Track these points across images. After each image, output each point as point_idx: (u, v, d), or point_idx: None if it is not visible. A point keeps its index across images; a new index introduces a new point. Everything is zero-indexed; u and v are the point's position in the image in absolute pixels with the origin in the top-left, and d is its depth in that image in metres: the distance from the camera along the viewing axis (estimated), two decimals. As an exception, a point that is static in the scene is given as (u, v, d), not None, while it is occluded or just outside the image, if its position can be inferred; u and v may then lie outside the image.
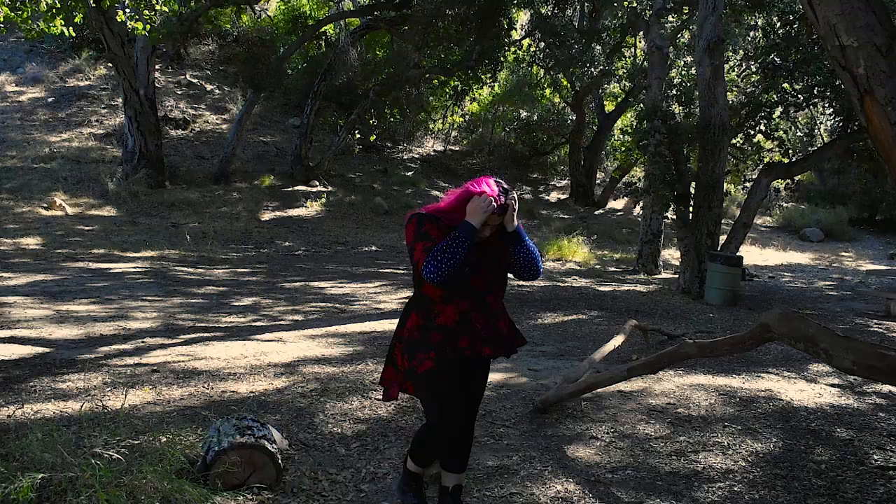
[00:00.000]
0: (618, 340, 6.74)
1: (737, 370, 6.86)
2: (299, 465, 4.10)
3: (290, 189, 18.81)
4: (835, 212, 23.69)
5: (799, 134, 21.77)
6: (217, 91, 22.65)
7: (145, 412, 4.78)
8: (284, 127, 22.39)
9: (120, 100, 18.46)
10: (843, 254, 20.66)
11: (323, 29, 19.97)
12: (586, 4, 21.82)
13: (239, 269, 12.02)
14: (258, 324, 8.11)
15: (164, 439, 3.88)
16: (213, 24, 18.86)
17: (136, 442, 3.90)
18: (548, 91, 25.33)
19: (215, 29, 22.41)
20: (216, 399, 5.20)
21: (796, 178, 16.95)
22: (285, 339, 7.38)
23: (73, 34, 9.79)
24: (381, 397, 5.50)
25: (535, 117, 25.99)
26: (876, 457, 4.62)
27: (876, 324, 10.08)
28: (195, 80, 22.67)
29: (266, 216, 16.94)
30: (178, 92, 22.01)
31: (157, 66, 19.21)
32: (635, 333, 7.75)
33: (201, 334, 7.33)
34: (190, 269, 11.61)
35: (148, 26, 9.98)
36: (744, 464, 4.45)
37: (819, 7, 2.33)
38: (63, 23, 8.57)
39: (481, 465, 4.26)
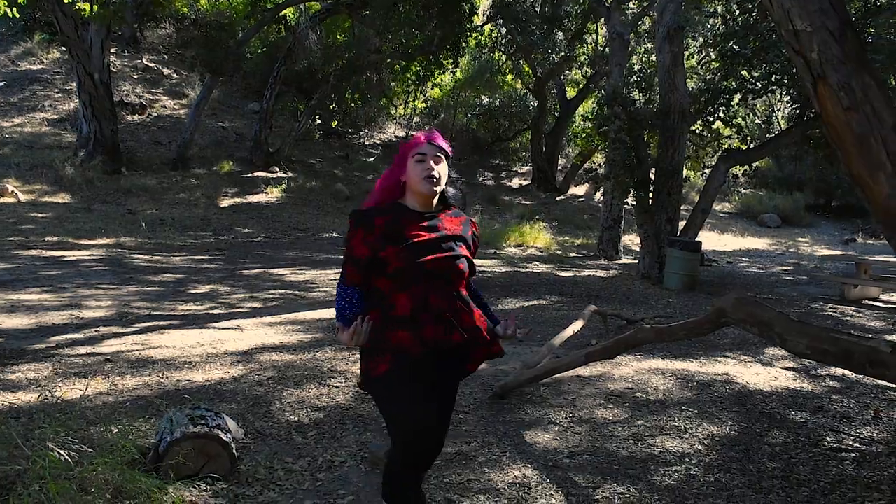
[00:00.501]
0: (577, 325, 6.76)
1: (694, 354, 6.93)
2: (255, 455, 4.04)
3: (249, 175, 18.59)
4: (792, 198, 24.06)
5: (757, 121, 22.02)
6: (174, 75, 22.27)
7: (98, 402, 4.68)
8: (243, 112, 22.10)
9: (74, 84, 18.04)
10: (800, 239, 21.00)
11: (282, 13, 19.67)
12: (548, -10, 21.80)
13: (197, 257, 11.85)
14: (215, 311, 8.00)
15: (116, 430, 3.80)
16: (165, 6, 18.44)
17: (88, 433, 3.82)
18: (509, 77, 25.31)
19: (172, 12, 21.99)
20: (171, 388, 5.10)
21: (754, 164, 17.11)
22: (243, 326, 7.29)
23: (18, 15, 9.51)
24: (338, 384, 5.47)
25: (497, 103, 25.98)
26: (829, 439, 4.69)
27: (831, 308, 10.25)
28: (152, 65, 22.27)
29: (225, 202, 16.72)
30: (135, 76, 21.60)
31: (112, 50, 18.82)
32: (595, 318, 7.79)
33: (157, 323, 7.21)
34: (146, 257, 11.41)
35: (95, 6, 9.72)
36: (700, 447, 4.49)
37: (773, -9, 2.32)
38: (6, 3, 8.31)
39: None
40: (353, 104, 23.28)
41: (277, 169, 19.25)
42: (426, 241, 2.77)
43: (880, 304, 10.92)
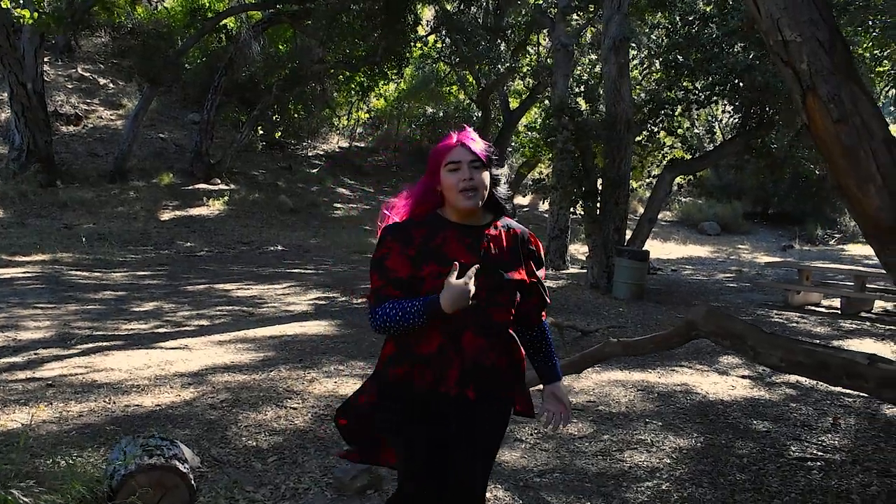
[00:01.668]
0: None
1: (652, 365, 6.93)
2: (213, 484, 3.85)
3: (190, 187, 18.15)
4: (731, 206, 24.55)
5: (696, 131, 22.44)
6: (111, 85, 21.67)
7: (42, 432, 4.41)
8: (183, 123, 21.60)
9: (6, 94, 17.39)
10: (740, 246, 21.41)
11: (223, 22, 19.31)
12: (491, 1, 21.87)
13: (138, 273, 11.48)
14: (161, 330, 7.72)
15: (64, 463, 3.57)
16: (107, 13, 17.92)
17: (34, 466, 3.59)
18: (454, 88, 25.32)
19: (109, 20, 21.42)
20: (119, 414, 4.86)
21: (698, 174, 17.42)
22: (191, 346, 7.03)
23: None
24: (296, 405, 5.30)
25: (441, 114, 25.96)
26: (794, 448, 4.70)
27: (777, 314, 10.41)
28: (87, 74, 21.62)
29: (166, 216, 16.28)
30: (69, 86, 20.94)
31: (45, 59, 18.21)
32: (551, 330, 7.73)
33: (100, 343, 6.91)
34: (85, 273, 11.00)
35: (35, 14, 9.36)
36: (669, 461, 4.45)
37: (762, 1, 2.28)
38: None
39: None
40: (296, 115, 23.00)
41: (219, 181, 18.85)
42: (467, 265, 2.30)
43: (822, 310, 11.13)
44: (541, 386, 2.68)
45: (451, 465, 2.39)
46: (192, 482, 3.54)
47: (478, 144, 2.41)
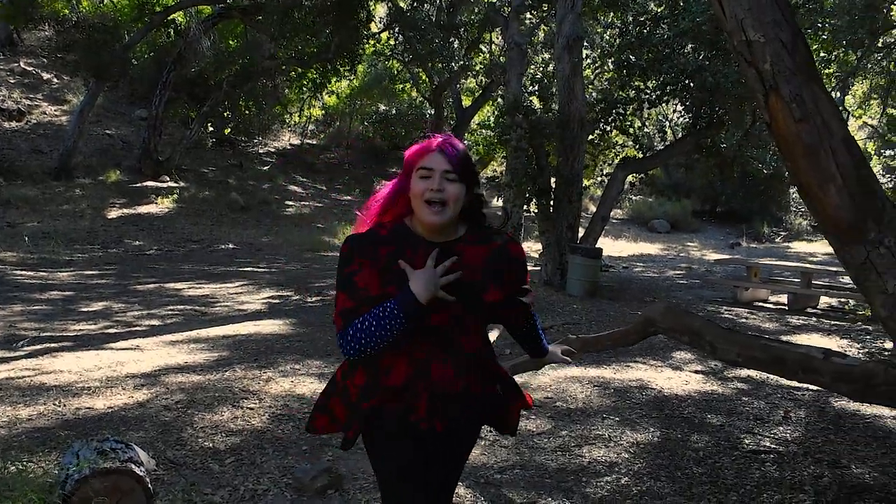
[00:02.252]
0: (493, 335, 6.72)
1: (607, 361, 6.99)
2: (170, 487, 3.78)
3: (138, 185, 17.79)
4: (680, 204, 24.92)
5: (647, 130, 22.75)
6: (55, 80, 21.13)
7: (-12, 436, 4.29)
8: (131, 119, 21.17)
9: (-57, 88, 16.86)
10: (689, 244, 21.76)
11: (172, 16, 18.96)
12: (444, -1, 21.89)
13: (86, 272, 11.22)
14: (111, 331, 7.56)
15: (14, 469, 3.47)
16: (51, 6, 17.47)
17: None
18: (407, 85, 25.25)
19: (53, 13, 20.88)
20: (70, 417, 4.74)
21: (650, 172, 17.66)
22: (143, 346, 6.90)
23: None
24: (252, 405, 5.23)
25: (394, 111, 25.88)
26: (747, 441, 4.78)
27: (726, 310, 10.60)
28: (30, 69, 21.05)
29: (113, 214, 15.94)
30: (11, 81, 20.36)
31: (-15, 52, 17.69)
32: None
33: (48, 345, 6.73)
34: (30, 273, 10.72)
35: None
36: (627, 455, 4.50)
37: (727, 1, 2.31)
38: None
39: (366, 474, 4.07)
40: (246, 111, 22.70)
41: (168, 178, 18.51)
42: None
43: (770, 306, 11.37)
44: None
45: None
46: (149, 485, 3.46)
47: (457, 154, 2.18)
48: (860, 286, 2.46)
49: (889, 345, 7.93)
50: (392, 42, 22.71)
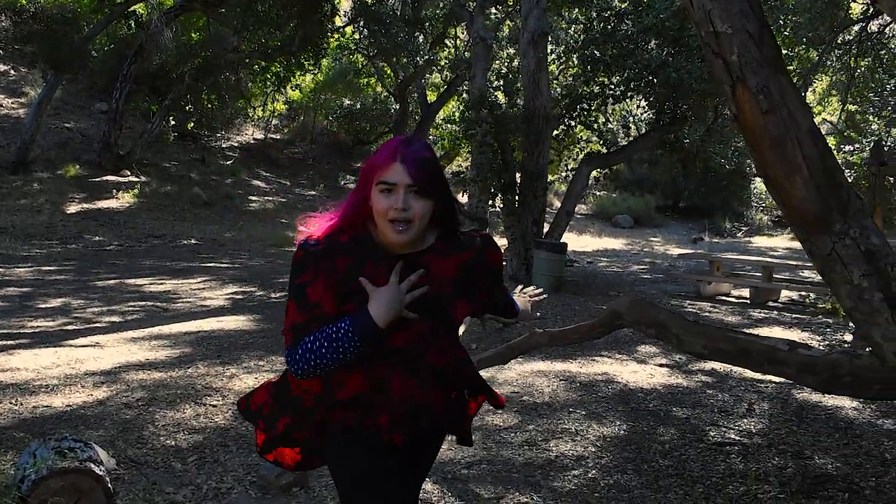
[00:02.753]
0: (460, 330, 6.68)
1: (573, 355, 7.00)
2: (131, 487, 3.70)
3: (98, 179, 17.46)
4: (643, 200, 25.14)
5: (610, 126, 22.88)
6: (12, 72, 20.68)
7: (-59, 436, 4.17)
8: (90, 112, 20.77)
9: None
10: (653, 239, 21.95)
11: (132, 8, 18.62)
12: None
13: (44, 268, 10.99)
14: (70, 327, 7.41)
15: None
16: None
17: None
18: (372, 80, 25.12)
19: (9, 3, 20.41)
20: (28, 416, 4.63)
21: (614, 167, 17.78)
22: (103, 343, 6.76)
23: None
24: (215, 402, 5.15)
25: (359, 106, 25.74)
26: (712, 433, 4.82)
27: (689, 304, 10.69)
28: (-15, 60, 20.60)
29: (72, 209, 15.63)
30: (-35, 72, 19.92)
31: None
32: (473, 322, 7.76)
33: (5, 342, 6.57)
34: (-14, 269, 10.48)
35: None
36: (594, 449, 4.50)
37: (695, -8, 2.30)
38: None
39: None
40: (209, 105, 22.41)
41: (129, 172, 18.19)
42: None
43: (732, 300, 11.50)
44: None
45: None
46: (109, 485, 3.39)
47: (423, 165, 1.92)
48: (826, 277, 2.47)
49: (849, 337, 8.06)
50: (357, 36, 22.57)
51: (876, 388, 2.84)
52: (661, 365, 6.79)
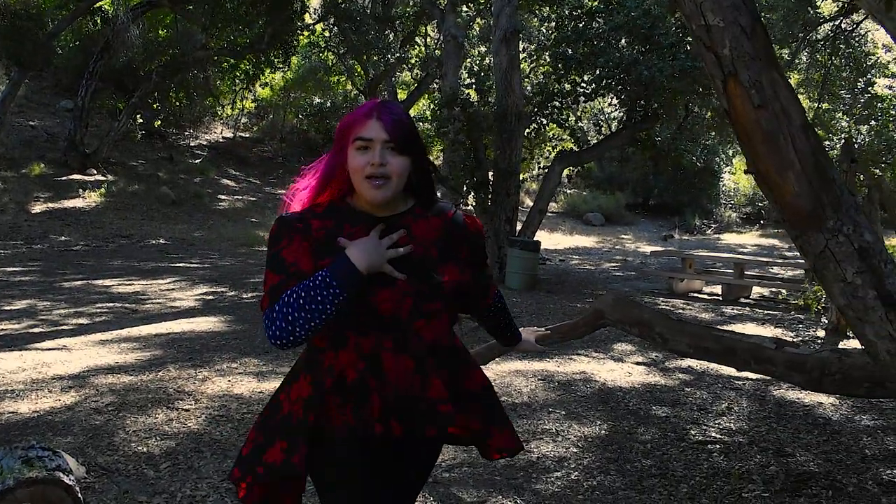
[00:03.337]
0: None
1: (549, 354, 6.95)
2: (102, 496, 3.58)
3: (64, 178, 17.13)
4: (614, 197, 25.28)
5: (581, 124, 22.95)
6: (-27, 69, 20.25)
7: None
8: (55, 110, 20.40)
9: None
10: (623, 236, 22.05)
11: (98, 4, 18.31)
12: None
13: (8, 269, 10.74)
14: (36, 330, 7.21)
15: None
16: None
17: None
18: (342, 78, 24.96)
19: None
20: (-8, 423, 4.48)
21: (586, 165, 17.87)
22: (70, 346, 6.59)
23: None
24: (188, 407, 5.03)
25: (329, 104, 25.55)
26: (693, 432, 4.79)
27: (663, 301, 10.72)
28: (-55, 57, 20.12)
29: (37, 208, 15.32)
30: (-76, 69, 19.44)
31: None
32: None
33: (-33, 346, 6.39)
34: (-53, 270, 10.22)
35: None
36: (575, 450, 4.45)
37: (687, -16, 2.25)
38: None
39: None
40: (177, 103, 22.13)
41: (95, 171, 17.88)
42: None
43: (705, 296, 11.56)
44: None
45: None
46: (79, 495, 3.26)
47: (400, 122, 1.89)
48: (818, 274, 2.43)
49: (821, 333, 8.12)
50: (327, 33, 22.41)
51: (865, 387, 2.83)
52: (638, 363, 6.78)
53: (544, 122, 13.37)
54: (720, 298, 11.20)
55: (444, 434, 1.99)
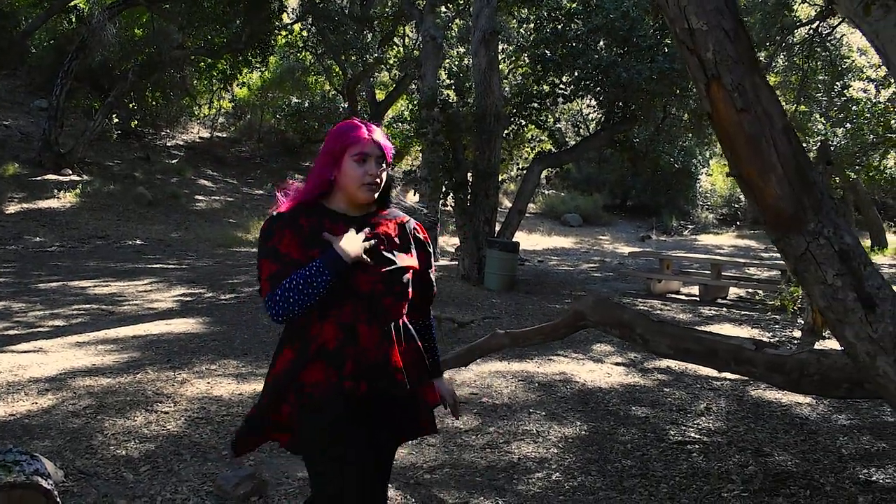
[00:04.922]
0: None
1: (529, 355, 6.97)
2: (81, 500, 3.54)
3: (38, 178, 16.91)
4: (592, 199, 25.40)
5: (559, 125, 23.02)
6: (-55, 68, 19.96)
7: None
8: (29, 109, 20.13)
9: None
10: (601, 237, 22.16)
11: (74, 3, 18.12)
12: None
13: (-19, 270, 10.60)
14: (11, 332, 7.12)
15: None
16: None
17: None
18: (320, 78, 24.85)
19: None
20: (-33, 427, 4.42)
21: (564, 166, 17.94)
22: (46, 348, 6.51)
23: None
24: (167, 409, 4.99)
25: (307, 104, 25.43)
26: (672, 432, 4.82)
27: (641, 302, 10.79)
28: (-84, 55, 19.81)
29: (11, 209, 15.11)
30: None
31: None
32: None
33: (-60, 348, 6.30)
34: (-81, 272, 10.06)
35: None
36: (556, 451, 4.46)
37: (671, -12, 2.26)
38: None
39: (291, 478, 3.92)
40: (153, 103, 21.93)
41: (70, 171, 17.66)
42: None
43: (682, 297, 11.64)
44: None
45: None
46: (57, 499, 3.22)
47: (386, 143, 2.43)
48: (799, 276, 2.45)
49: (798, 333, 8.20)
50: (305, 33, 22.29)
51: (844, 388, 2.86)
52: (617, 364, 6.81)
53: (523, 123, 13.40)
54: (697, 299, 11.29)
55: (402, 392, 2.36)
